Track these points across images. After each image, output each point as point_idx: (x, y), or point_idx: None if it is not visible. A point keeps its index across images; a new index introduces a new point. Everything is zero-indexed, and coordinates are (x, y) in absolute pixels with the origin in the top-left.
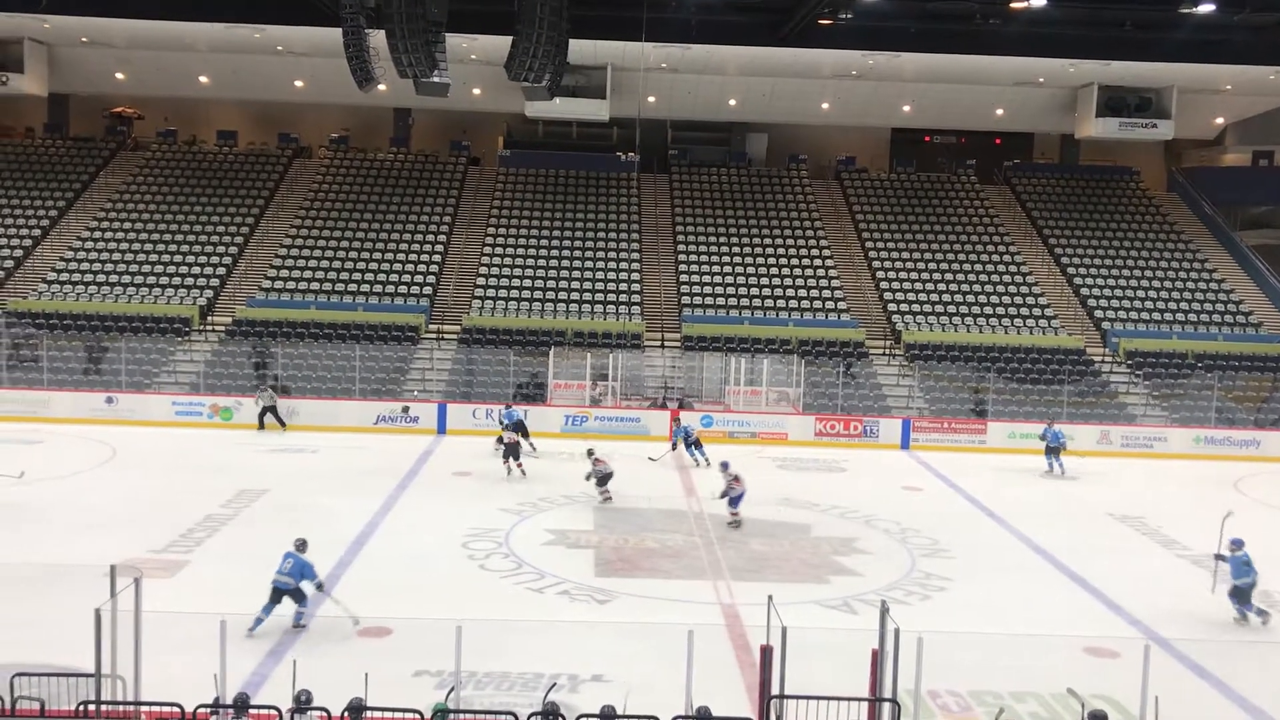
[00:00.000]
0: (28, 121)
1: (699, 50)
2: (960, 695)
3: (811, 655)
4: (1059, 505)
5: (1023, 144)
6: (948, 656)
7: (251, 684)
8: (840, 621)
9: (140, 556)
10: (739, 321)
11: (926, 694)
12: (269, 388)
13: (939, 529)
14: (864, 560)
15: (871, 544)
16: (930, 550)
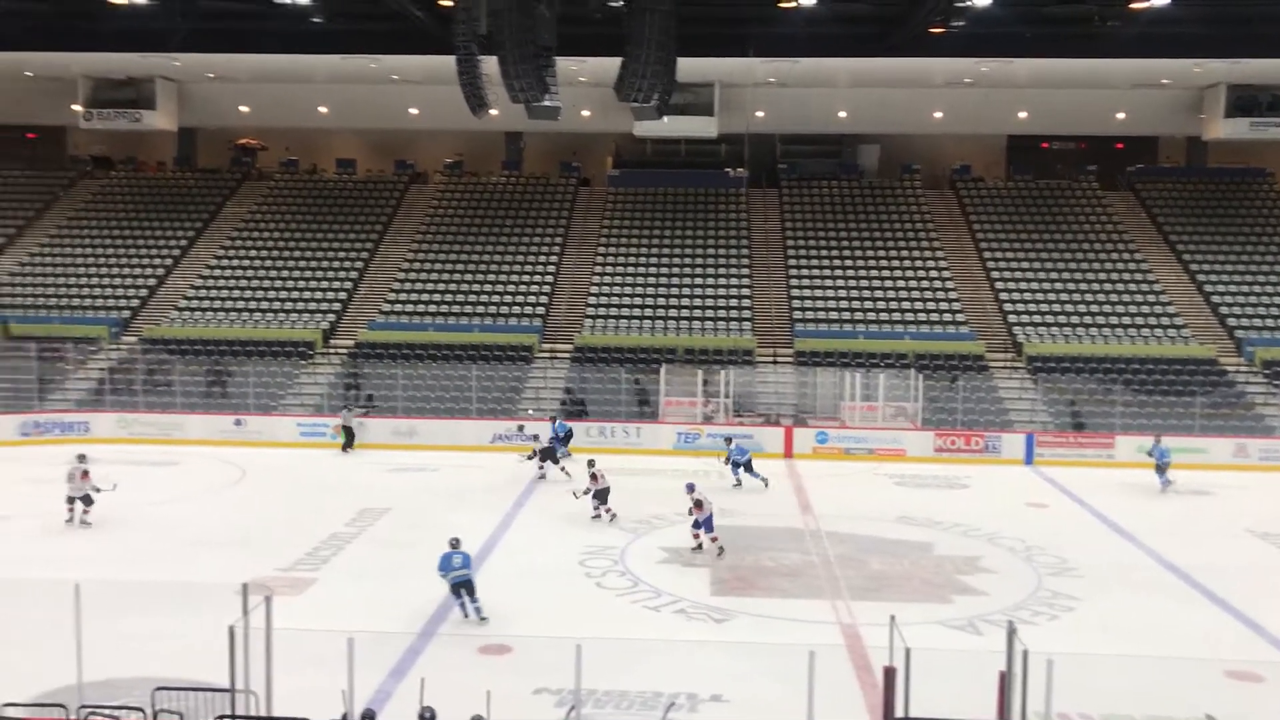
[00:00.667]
0: (159, 155)
1: (807, 63)
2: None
3: (936, 677)
4: (1194, 521)
5: (1146, 147)
6: (1079, 679)
7: (376, 700)
8: (965, 643)
9: (269, 574)
10: (853, 336)
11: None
12: (352, 407)
13: (1066, 547)
14: (988, 579)
15: (995, 562)
16: (1057, 569)
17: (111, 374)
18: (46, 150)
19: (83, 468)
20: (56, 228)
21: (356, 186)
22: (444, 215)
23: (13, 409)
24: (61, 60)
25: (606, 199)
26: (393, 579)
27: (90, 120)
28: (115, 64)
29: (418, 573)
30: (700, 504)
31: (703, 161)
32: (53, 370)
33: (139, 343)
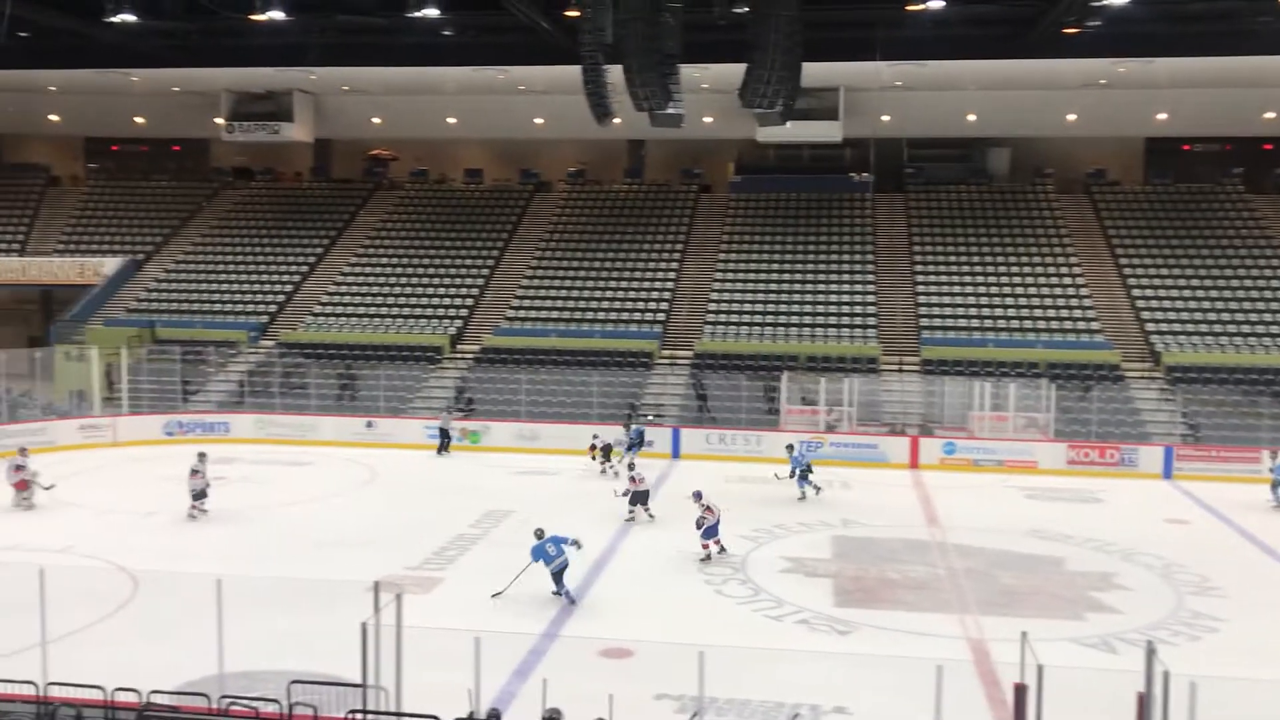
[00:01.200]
0: (296, 166)
1: (935, 66)
2: None
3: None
4: None
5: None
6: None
7: (501, 700)
8: (1100, 661)
9: (398, 573)
10: (982, 344)
11: None
12: (452, 410)
13: (1208, 565)
14: (1124, 597)
15: (1132, 579)
16: (1199, 588)
17: (250, 377)
18: (191, 162)
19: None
20: (200, 236)
21: (483, 195)
22: (567, 223)
23: (158, 409)
24: (206, 76)
25: (728, 205)
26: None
27: (232, 133)
28: (255, 78)
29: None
30: (710, 509)
31: (826, 166)
32: (195, 373)
33: (276, 347)
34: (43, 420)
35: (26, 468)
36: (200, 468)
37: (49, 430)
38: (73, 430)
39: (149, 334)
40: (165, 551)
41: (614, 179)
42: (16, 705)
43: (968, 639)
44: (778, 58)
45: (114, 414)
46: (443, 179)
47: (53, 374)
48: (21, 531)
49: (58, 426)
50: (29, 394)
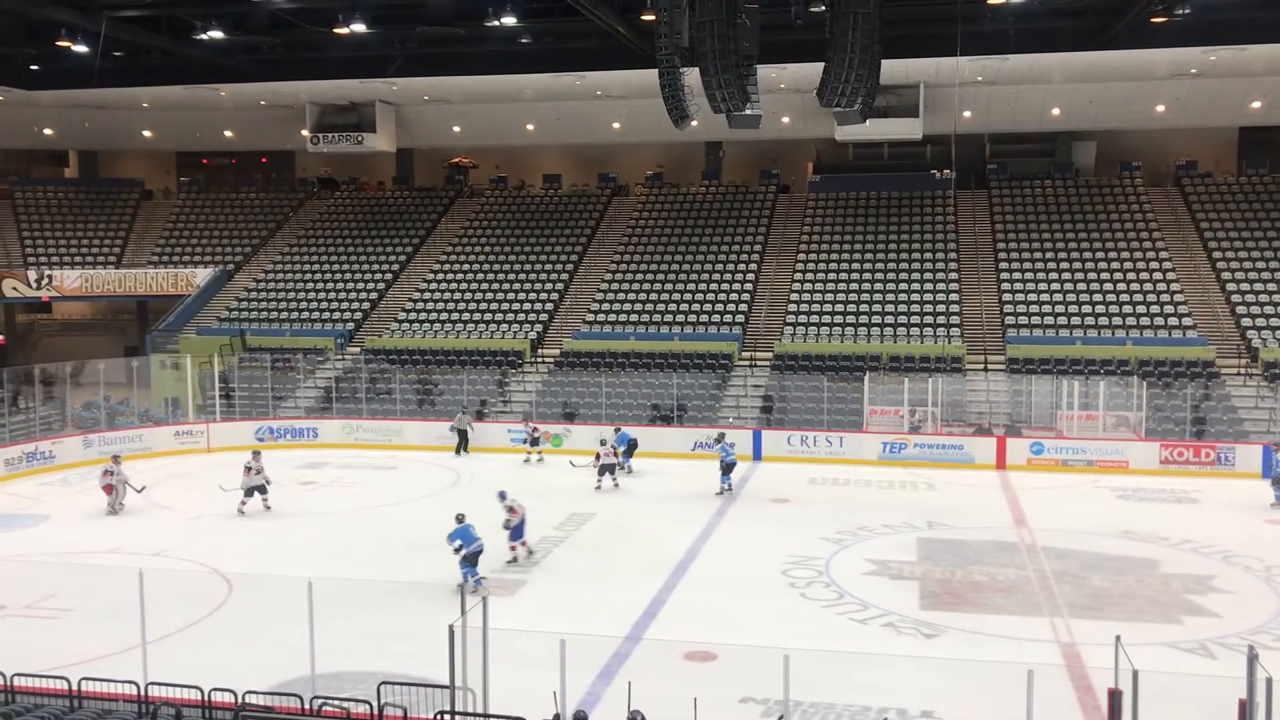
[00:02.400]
0: (379, 176)
1: (1018, 60)
2: None
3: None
4: None
5: None
6: None
7: (586, 702)
8: (1197, 666)
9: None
10: (1069, 342)
11: None
12: (468, 411)
13: None
14: (1222, 600)
15: (1231, 582)
16: None
17: (337, 383)
18: (278, 174)
19: (249, 463)
20: (287, 246)
21: (561, 200)
22: (645, 226)
23: (249, 415)
24: (291, 89)
25: (807, 205)
26: (599, 583)
27: (317, 144)
28: (339, 90)
29: (623, 577)
30: (514, 509)
31: (907, 164)
32: (284, 379)
33: (362, 353)
34: (139, 427)
35: (116, 473)
36: (254, 464)
37: (145, 437)
38: (168, 436)
39: (240, 342)
40: (257, 554)
41: (692, 181)
42: (119, 704)
43: (1059, 643)
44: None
45: (207, 420)
46: (522, 185)
47: (149, 382)
48: (119, 535)
49: (153, 433)
50: (126, 401)
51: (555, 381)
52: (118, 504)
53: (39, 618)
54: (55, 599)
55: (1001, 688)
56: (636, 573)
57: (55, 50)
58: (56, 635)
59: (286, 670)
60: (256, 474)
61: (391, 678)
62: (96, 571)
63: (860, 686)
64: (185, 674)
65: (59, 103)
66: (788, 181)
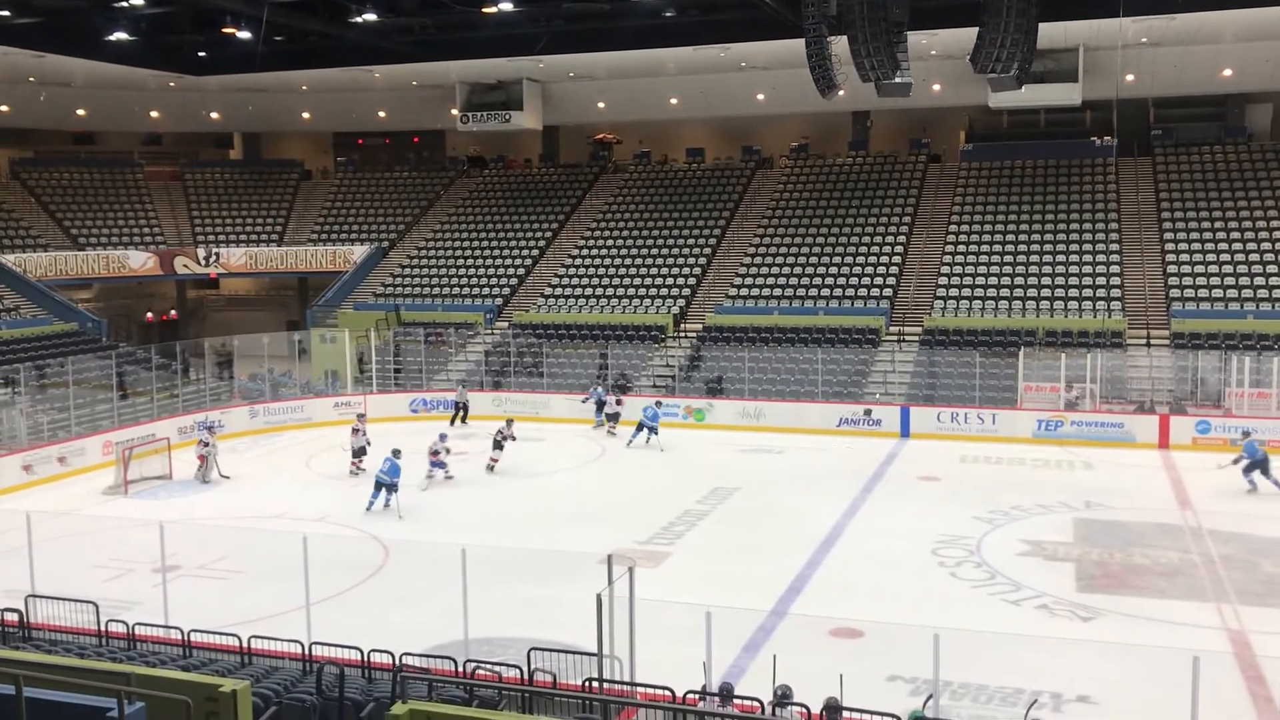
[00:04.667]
0: (526, 153)
1: (1186, 19)
2: None
3: None
4: None
5: None
6: None
7: (731, 674)
8: None
9: (628, 547)
10: (1240, 315)
11: None
12: (468, 383)
13: None
14: None
15: None
16: None
17: (487, 356)
18: (429, 152)
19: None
20: (439, 223)
21: (705, 174)
22: (789, 198)
23: (404, 387)
24: (441, 69)
25: (959, 175)
26: (743, 556)
27: (466, 123)
28: (487, 69)
29: (767, 552)
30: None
31: (1065, 131)
32: (437, 353)
33: (510, 327)
34: (301, 399)
35: (210, 444)
36: (361, 427)
37: (306, 408)
38: (327, 408)
39: (394, 317)
40: (412, 521)
41: (838, 152)
42: (286, 662)
43: (1226, 630)
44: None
45: (364, 392)
46: (665, 159)
47: (309, 355)
48: (285, 502)
49: (314, 404)
50: (289, 374)
51: (699, 356)
52: (206, 475)
53: (212, 578)
54: (226, 560)
55: (1164, 674)
56: (782, 548)
57: (221, 37)
58: (228, 594)
59: (441, 634)
60: (361, 435)
61: (541, 644)
62: (264, 535)
63: (1012, 668)
64: (346, 635)
65: (224, 87)
66: (938, 151)
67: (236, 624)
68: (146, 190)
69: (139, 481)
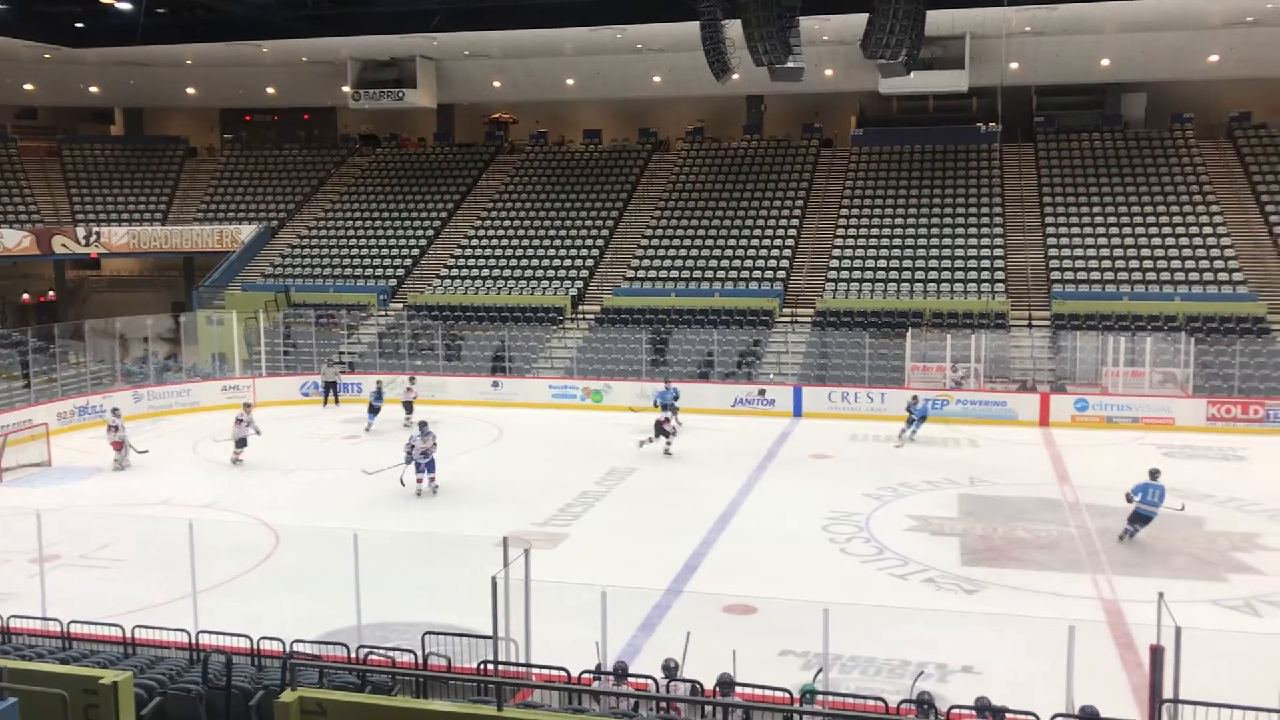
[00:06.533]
0: (420, 132)
1: (1068, 10)
2: None
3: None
4: None
5: None
6: None
7: (627, 653)
8: (1242, 624)
9: (525, 529)
10: (1116, 297)
11: None
12: (332, 363)
13: None
14: (1269, 558)
15: (1278, 540)
16: None
17: (380, 338)
18: (320, 130)
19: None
20: (330, 202)
21: (602, 156)
22: (686, 181)
23: (295, 370)
24: (332, 45)
25: (850, 159)
26: (640, 536)
27: (358, 100)
28: (380, 46)
29: (664, 531)
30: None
31: (952, 117)
32: (328, 335)
33: (404, 309)
34: (187, 382)
35: (120, 429)
36: (245, 417)
37: (193, 391)
38: (215, 391)
39: (284, 298)
40: (303, 507)
41: (733, 136)
42: (172, 651)
43: (1101, 600)
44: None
45: (253, 375)
46: (562, 140)
47: (196, 338)
48: (170, 487)
49: (201, 388)
50: (175, 357)
51: (595, 338)
52: (120, 461)
53: (94, 567)
54: (109, 549)
55: (1043, 643)
56: (678, 527)
57: (100, 8)
58: (111, 584)
59: (334, 620)
60: (245, 426)
61: (436, 628)
62: (148, 522)
63: (900, 641)
64: (235, 623)
65: (104, 60)
66: (830, 135)
67: (120, 614)
68: (21, 166)
69: (15, 469)
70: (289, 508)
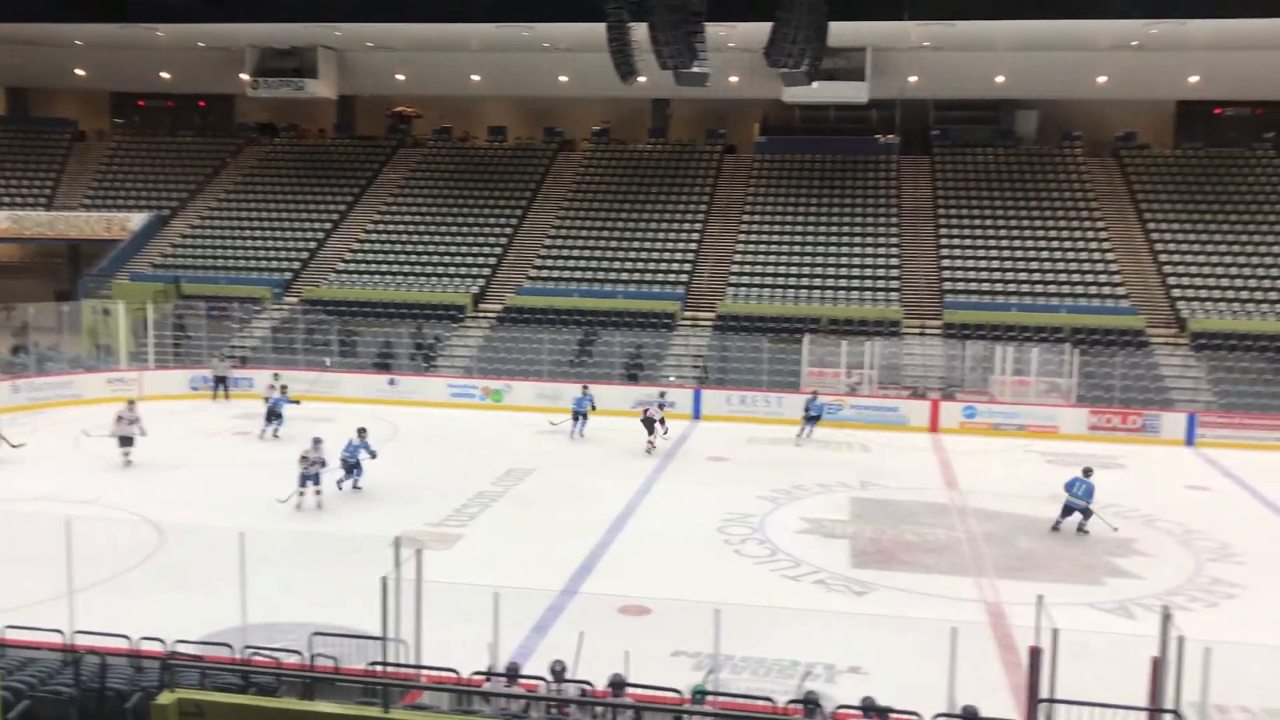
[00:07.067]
0: (320, 123)
1: (965, 26)
2: (1253, 714)
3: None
4: None
5: None
6: (1239, 670)
7: (520, 654)
8: (1116, 626)
9: (420, 529)
10: (1006, 308)
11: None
12: (223, 357)
13: (1228, 532)
14: (1143, 563)
15: (1151, 545)
16: (1218, 554)
17: (274, 333)
18: (216, 118)
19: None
20: (225, 192)
21: (506, 153)
22: (591, 182)
23: (183, 364)
24: (230, 31)
25: (753, 166)
26: (536, 537)
27: (257, 89)
28: (280, 34)
29: (560, 532)
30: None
31: (852, 128)
32: (220, 328)
33: (300, 303)
34: (70, 374)
35: None
36: (129, 414)
37: (76, 384)
38: (100, 384)
39: (174, 289)
40: (191, 504)
41: (638, 138)
42: (44, 652)
43: (984, 602)
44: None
45: (140, 368)
46: (466, 136)
47: (80, 328)
48: (51, 483)
49: (85, 380)
50: (57, 348)
51: (497, 337)
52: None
53: None
54: None
55: (927, 644)
56: (575, 528)
57: None
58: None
59: (219, 620)
60: (129, 424)
61: (325, 629)
62: (23, 519)
63: (790, 641)
64: (115, 623)
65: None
66: (734, 141)
67: None
68: None
69: None
70: (176, 505)
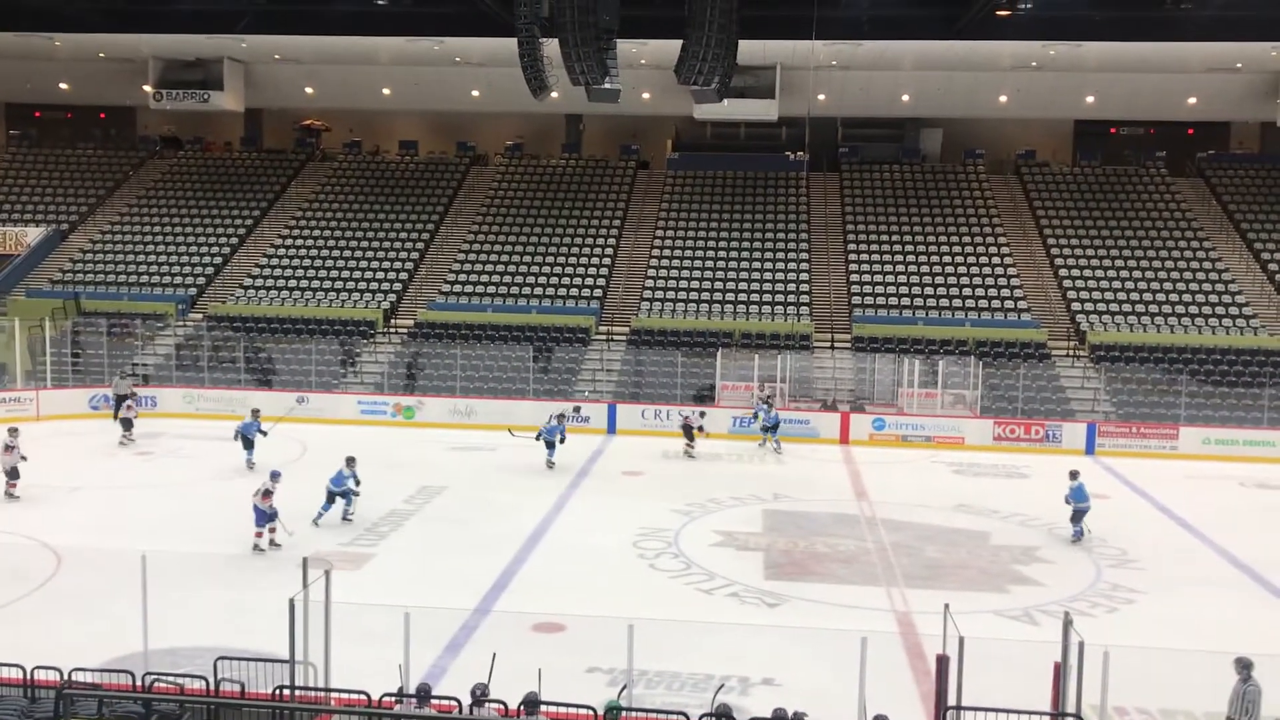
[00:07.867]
0: (226, 136)
1: (871, 46)
2: (1150, 714)
3: (989, 666)
4: (1261, 516)
5: (1218, 134)
6: (1137, 672)
7: (431, 675)
8: (1020, 633)
9: (329, 549)
10: (912, 322)
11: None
12: (124, 375)
13: (1127, 539)
14: (1046, 570)
15: (1054, 553)
16: (1118, 561)
17: (178, 350)
18: (117, 130)
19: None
20: (127, 206)
21: (418, 168)
22: (504, 197)
23: (83, 383)
24: (132, 42)
25: (665, 182)
26: (449, 555)
27: (160, 101)
28: (184, 46)
29: (474, 550)
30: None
31: (763, 145)
32: (122, 346)
33: (204, 320)
34: None
35: None
36: (12, 443)
37: None
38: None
39: (74, 306)
40: (90, 527)
41: (551, 153)
42: None
43: (894, 611)
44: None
45: (37, 387)
46: (377, 150)
47: None
48: None
49: None
50: None
51: (409, 353)
52: None
53: None
54: None
55: (839, 654)
56: (489, 545)
57: None
58: None
59: (118, 647)
60: (15, 452)
61: (230, 653)
62: None
63: (704, 655)
64: (8, 653)
65: None
66: (647, 158)
67: None
68: None
69: None
70: (74, 528)
